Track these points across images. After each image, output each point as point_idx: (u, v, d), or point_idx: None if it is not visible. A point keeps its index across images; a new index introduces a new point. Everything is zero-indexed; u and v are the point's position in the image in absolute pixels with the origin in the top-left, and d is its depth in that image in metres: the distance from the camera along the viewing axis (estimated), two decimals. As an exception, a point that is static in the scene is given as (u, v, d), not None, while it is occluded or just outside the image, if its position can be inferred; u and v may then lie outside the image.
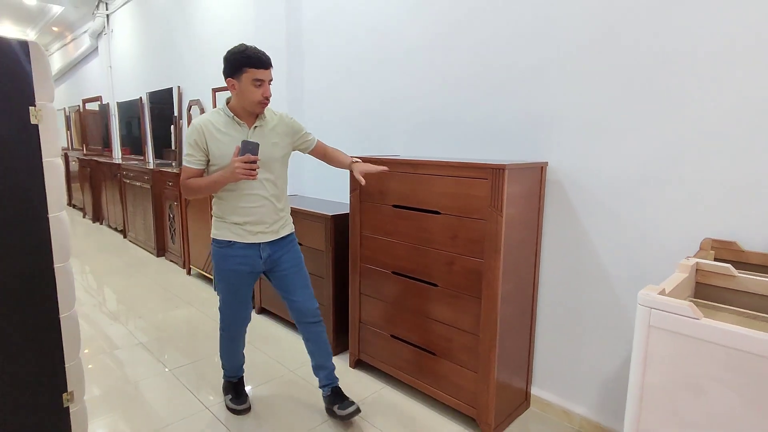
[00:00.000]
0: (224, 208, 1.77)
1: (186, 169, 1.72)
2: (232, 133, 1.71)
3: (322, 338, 1.95)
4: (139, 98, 5.45)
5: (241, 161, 1.60)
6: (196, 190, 1.71)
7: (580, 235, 1.86)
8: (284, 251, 1.87)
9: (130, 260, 4.43)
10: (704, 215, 1.55)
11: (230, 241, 1.78)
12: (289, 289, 1.89)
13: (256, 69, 1.64)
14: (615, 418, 1.84)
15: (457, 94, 2.22)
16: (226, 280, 1.83)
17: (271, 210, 1.80)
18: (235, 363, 2.05)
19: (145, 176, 4.50)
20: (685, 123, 1.56)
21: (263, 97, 1.68)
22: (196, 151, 1.70)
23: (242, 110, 1.72)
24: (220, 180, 1.66)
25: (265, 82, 1.67)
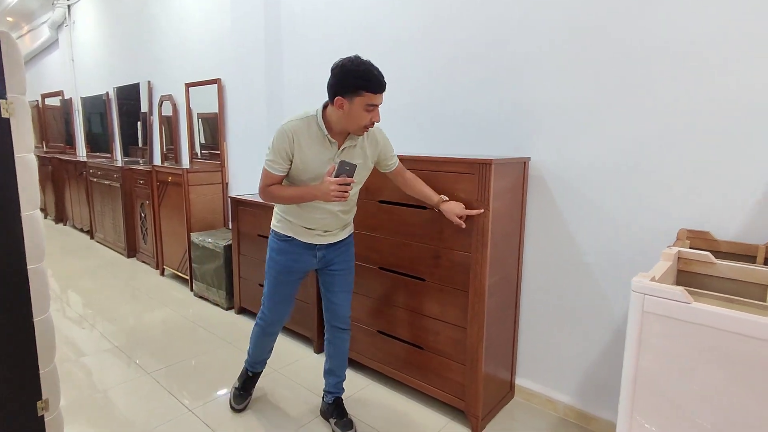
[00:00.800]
0: (289, 211, 1.73)
1: (267, 174, 1.62)
2: (319, 148, 1.60)
3: (345, 346, 1.92)
4: (105, 93, 5.23)
5: (337, 183, 1.49)
6: (278, 198, 1.64)
7: (562, 227, 1.91)
8: (339, 252, 1.82)
9: (99, 262, 4.26)
10: (679, 206, 1.62)
11: (290, 237, 1.75)
12: (333, 290, 1.85)
13: (374, 94, 1.50)
14: (598, 404, 1.90)
15: (438, 89, 2.23)
16: (277, 272, 1.79)
17: (336, 220, 1.74)
18: (260, 355, 1.98)
19: (114, 174, 4.33)
20: (660, 115, 1.62)
21: (371, 122, 1.56)
22: (283, 159, 1.59)
23: (339, 129, 1.58)
24: (307, 196, 1.58)
25: (377, 107, 1.54)
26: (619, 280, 1.79)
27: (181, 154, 4.15)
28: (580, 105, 1.80)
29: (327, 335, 1.92)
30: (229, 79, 3.44)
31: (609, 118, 1.73)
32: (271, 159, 1.60)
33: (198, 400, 2.07)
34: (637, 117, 1.67)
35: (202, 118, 3.80)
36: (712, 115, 1.52)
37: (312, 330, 2.51)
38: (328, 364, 1.94)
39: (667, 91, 1.60)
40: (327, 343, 1.93)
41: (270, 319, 1.87)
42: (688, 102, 1.56)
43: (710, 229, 1.54)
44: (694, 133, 1.56)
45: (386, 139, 1.76)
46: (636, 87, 1.66)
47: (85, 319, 2.95)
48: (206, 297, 3.27)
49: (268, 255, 1.82)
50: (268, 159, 1.61)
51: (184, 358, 2.46)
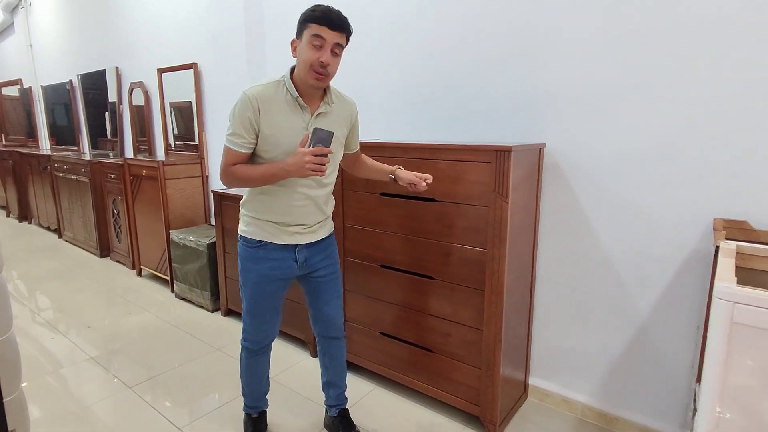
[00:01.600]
0: (260, 204, 1.48)
1: (228, 151, 1.38)
2: (291, 116, 1.38)
3: (343, 354, 1.74)
4: (68, 81, 4.86)
5: (313, 153, 1.27)
6: (242, 180, 1.38)
7: (580, 218, 1.79)
8: (322, 255, 1.59)
9: (69, 263, 3.96)
10: (708, 194, 1.51)
11: (262, 241, 1.49)
12: (321, 299, 1.63)
13: (318, 25, 1.30)
14: (619, 404, 1.80)
15: (442, 72, 2.07)
16: (254, 285, 1.53)
17: (314, 210, 1.51)
18: (257, 390, 1.71)
19: (83, 168, 4.02)
20: (688, 99, 1.50)
21: (319, 62, 1.31)
22: (248, 132, 1.35)
23: (303, 84, 1.38)
24: (279, 173, 1.33)
25: (326, 44, 1.31)
26: (642, 273, 1.68)
27: (155, 145, 3.87)
28: (603, 87, 1.66)
29: (321, 347, 1.72)
30: (207, 63, 3.18)
31: (634, 101, 1.60)
32: (231, 133, 1.36)
33: (187, 415, 1.89)
34: (666, 101, 1.54)
35: (174, 107, 3.53)
36: (748, 98, 1.40)
37: (306, 331, 2.35)
38: (326, 376, 1.75)
39: (699, 72, 1.47)
40: (322, 355, 1.73)
41: (255, 338, 1.60)
42: (719, 84, 1.44)
43: (748, 219, 1.44)
44: (728, 116, 1.44)
45: (357, 118, 1.58)
46: (666, 68, 1.53)
47: (57, 327, 2.70)
48: (189, 299, 3.05)
49: (240, 266, 1.54)
50: (229, 134, 1.36)
51: (169, 367, 2.26)
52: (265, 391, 1.74)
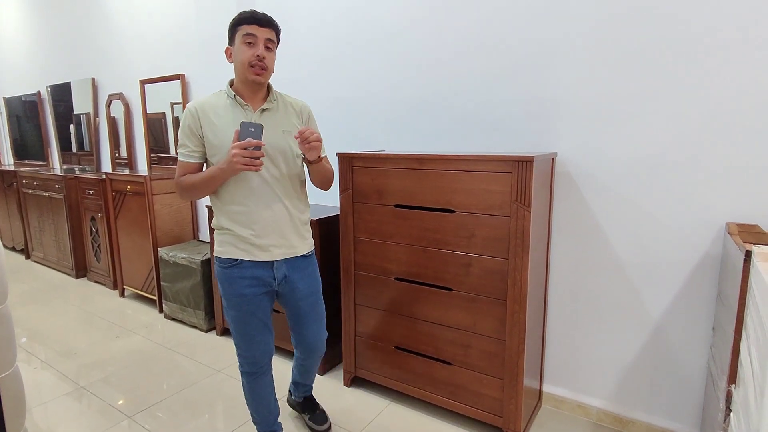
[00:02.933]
0: (225, 216, 1.46)
1: (180, 163, 1.45)
2: (233, 115, 1.44)
3: (316, 366, 1.81)
4: (36, 93, 4.61)
5: (240, 147, 1.29)
6: (190, 189, 1.43)
7: (592, 225, 1.82)
8: (302, 275, 1.57)
9: (42, 285, 3.73)
10: (718, 198, 1.57)
11: (237, 260, 1.47)
12: (302, 323, 1.63)
13: (248, 24, 1.39)
14: (634, 407, 1.83)
15: (448, 80, 2.08)
16: (236, 307, 1.49)
17: (286, 220, 1.49)
18: (267, 414, 1.65)
19: (56, 185, 3.80)
20: (698, 106, 1.57)
21: (255, 56, 1.39)
22: (191, 141, 1.43)
23: (243, 86, 1.46)
24: (216, 174, 1.37)
25: (258, 41, 1.39)
26: (654, 277, 1.72)
27: (137, 159, 3.72)
28: (613, 95, 1.71)
29: (299, 357, 1.76)
30: (195, 74, 3.09)
31: (644, 110, 1.66)
32: (180, 144, 1.45)
33: (197, 444, 1.79)
34: (675, 108, 1.60)
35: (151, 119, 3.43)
36: (757, 103, 1.48)
37: (314, 349, 2.28)
38: (296, 377, 1.85)
39: (708, 78, 1.54)
40: (298, 362, 1.78)
41: (251, 360, 1.55)
42: (729, 90, 1.51)
43: (758, 223, 1.51)
44: (738, 121, 1.51)
45: (313, 117, 1.63)
46: (675, 74, 1.59)
47: (35, 356, 2.52)
48: (181, 319, 2.92)
49: (220, 288, 1.51)
50: (178, 146, 1.46)
51: (170, 392, 2.14)
52: (276, 414, 1.69)
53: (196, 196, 1.46)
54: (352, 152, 1.96)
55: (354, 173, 1.96)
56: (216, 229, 1.51)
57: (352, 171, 1.96)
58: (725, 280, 1.47)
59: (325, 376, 2.27)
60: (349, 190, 1.98)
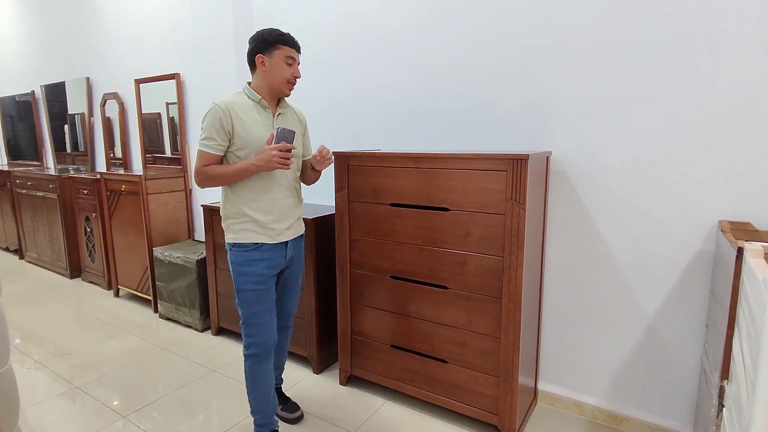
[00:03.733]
0: (243, 205, 1.60)
1: (203, 154, 1.56)
2: (256, 116, 1.61)
3: (287, 341, 1.93)
4: (31, 92, 4.59)
5: (278, 149, 1.50)
6: (215, 178, 1.56)
7: (586, 223, 1.84)
8: (299, 250, 1.81)
9: (36, 285, 3.70)
10: (711, 197, 1.59)
11: (258, 243, 1.62)
12: (287, 293, 1.81)
13: (290, 47, 1.60)
14: (628, 404, 1.84)
15: (443, 81, 2.09)
16: (253, 286, 1.62)
17: (295, 204, 1.71)
18: (267, 404, 1.71)
19: (50, 184, 3.78)
20: (690, 104, 1.58)
21: (293, 76, 1.62)
22: (219, 135, 1.54)
23: (266, 92, 1.63)
24: (250, 168, 1.54)
25: (296, 63, 1.62)
26: (648, 275, 1.73)
27: (131, 159, 3.70)
28: (607, 96, 1.72)
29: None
30: (190, 73, 3.09)
31: (637, 109, 1.67)
32: (205, 137, 1.55)
33: (192, 443, 1.79)
34: (668, 106, 1.62)
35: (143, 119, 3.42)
36: (748, 104, 1.49)
37: (311, 348, 2.28)
38: None
39: (701, 79, 1.55)
40: None
41: (262, 340, 1.65)
42: (721, 88, 1.53)
43: (750, 220, 1.52)
44: (730, 119, 1.53)
45: (307, 126, 1.83)
46: (669, 76, 1.60)
47: (29, 356, 2.50)
48: (176, 318, 2.91)
49: (235, 273, 1.63)
50: (203, 138, 1.55)
51: (165, 392, 2.13)
52: (274, 406, 1.75)
53: (218, 185, 1.60)
54: (348, 151, 1.97)
55: (350, 172, 1.96)
56: (231, 217, 1.63)
57: (347, 170, 1.96)
58: (718, 277, 1.49)
59: (320, 375, 2.27)
60: (345, 189, 1.98)
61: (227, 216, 1.63)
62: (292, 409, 1.91)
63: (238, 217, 1.61)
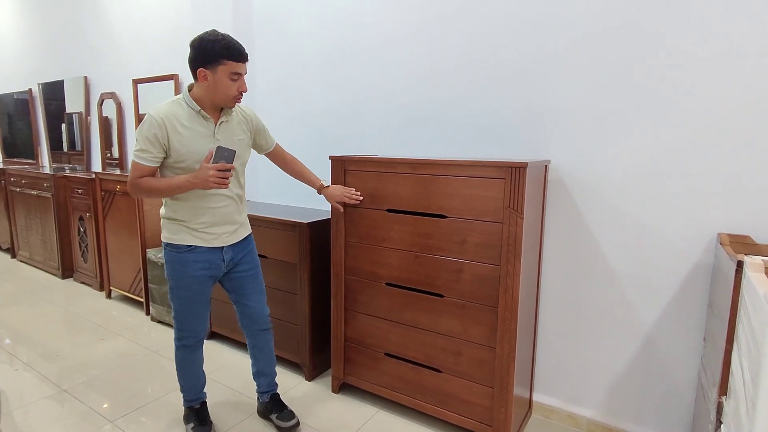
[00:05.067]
0: (180, 210, 1.61)
1: (137, 166, 1.52)
2: (197, 127, 1.56)
3: (270, 346, 1.89)
4: (27, 90, 4.56)
5: (216, 169, 1.46)
6: (149, 191, 1.54)
7: (583, 234, 1.82)
8: (244, 252, 1.76)
9: (28, 285, 3.66)
10: (710, 209, 1.57)
11: (191, 246, 1.62)
12: (245, 294, 1.78)
13: (235, 62, 1.50)
14: (624, 417, 1.82)
15: (442, 89, 2.08)
16: (186, 287, 1.65)
17: (234, 210, 1.69)
18: (196, 384, 1.83)
19: (45, 183, 3.75)
20: (690, 116, 1.57)
21: (239, 92, 1.56)
22: (154, 147, 1.51)
23: (209, 104, 1.57)
24: (184, 185, 1.51)
25: (242, 77, 1.55)
26: (646, 286, 1.72)
27: (128, 160, 3.68)
28: (606, 107, 1.71)
29: (250, 341, 1.87)
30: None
31: (638, 120, 1.66)
32: (139, 149, 1.51)
33: (180, 450, 1.75)
34: (668, 118, 1.61)
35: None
36: (748, 116, 1.48)
37: (303, 354, 2.25)
38: (256, 367, 1.90)
39: (701, 91, 1.54)
40: (251, 347, 1.88)
41: (192, 334, 1.73)
42: (721, 101, 1.52)
43: (749, 233, 1.50)
44: (729, 132, 1.52)
45: (259, 120, 1.78)
46: (667, 86, 1.59)
47: (17, 357, 2.46)
48: (168, 322, 2.87)
49: (168, 270, 1.65)
50: (137, 150, 1.52)
51: (154, 396, 2.09)
52: (203, 383, 1.86)
53: (153, 197, 1.62)
54: (345, 155, 1.95)
55: (346, 176, 1.94)
56: (166, 217, 1.64)
57: (344, 174, 1.95)
58: (716, 290, 1.47)
59: (313, 382, 2.23)
60: (341, 193, 1.96)
61: (163, 215, 1.65)
62: (287, 418, 1.84)
63: (174, 220, 1.62)
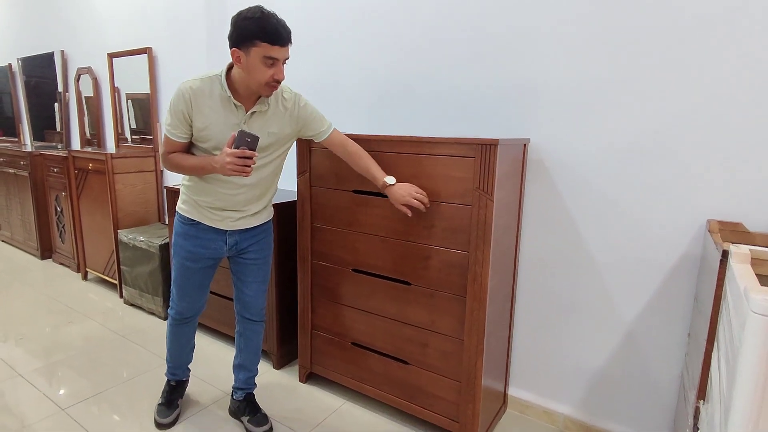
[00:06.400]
0: (194, 185, 1.54)
1: (167, 140, 1.46)
2: (224, 112, 1.43)
3: (258, 339, 1.78)
4: (7, 65, 4.43)
5: (235, 155, 1.31)
6: (179, 167, 1.48)
7: (564, 219, 1.68)
8: (254, 241, 1.64)
9: (6, 265, 3.58)
10: (699, 194, 1.43)
11: (194, 220, 1.56)
12: (245, 280, 1.68)
13: (271, 45, 1.31)
14: (602, 415, 1.71)
15: (419, 63, 1.92)
16: (182, 259, 1.60)
17: (244, 200, 1.55)
18: (178, 358, 1.79)
19: (21, 161, 3.64)
20: (679, 95, 1.42)
21: (273, 79, 1.37)
22: (180, 123, 1.43)
23: (244, 88, 1.42)
24: (206, 167, 1.42)
25: (279, 62, 1.36)
26: (629, 277, 1.59)
27: (105, 137, 3.56)
28: (590, 82, 1.56)
29: (238, 327, 1.76)
30: (162, 48, 2.92)
31: (623, 96, 1.51)
32: (169, 123, 1.44)
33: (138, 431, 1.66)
34: (655, 97, 1.46)
35: (133, 99, 3.24)
36: (742, 93, 1.33)
37: (270, 342, 2.15)
38: (238, 359, 1.78)
39: (690, 67, 1.39)
40: (238, 336, 1.77)
41: (180, 307, 1.67)
42: (714, 79, 1.36)
43: (741, 220, 1.37)
44: (722, 112, 1.37)
45: (311, 110, 1.57)
46: (656, 62, 1.44)
47: (-17, 339, 2.38)
48: (139, 305, 2.78)
49: (173, 239, 1.62)
50: (167, 123, 1.44)
51: (117, 381, 2.01)
52: (187, 361, 1.82)
53: (182, 173, 1.52)
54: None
55: (312, 154, 1.81)
56: (183, 189, 1.58)
57: (310, 152, 1.81)
58: (702, 283, 1.34)
59: (280, 371, 2.14)
60: (307, 172, 1.83)
61: (184, 188, 1.59)
62: (259, 422, 1.69)
63: (188, 190, 1.57)
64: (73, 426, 1.72)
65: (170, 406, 1.76)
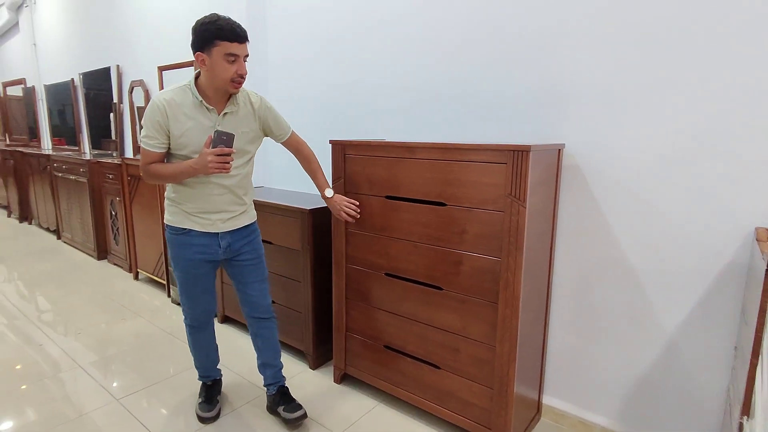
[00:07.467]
0: (179, 194, 1.62)
1: (145, 152, 1.53)
2: (199, 117, 1.53)
3: (273, 335, 1.85)
4: (70, 80, 4.78)
5: (214, 154, 1.43)
6: (158, 177, 1.54)
7: (601, 226, 1.65)
8: (245, 241, 1.73)
9: (66, 265, 3.87)
10: (746, 200, 1.37)
11: (186, 229, 1.63)
12: (246, 282, 1.76)
13: (229, 42, 1.44)
14: (641, 428, 1.65)
15: (452, 67, 1.94)
16: (183, 269, 1.68)
17: (229, 200, 1.65)
18: (206, 362, 1.88)
19: (81, 168, 3.93)
20: (722, 95, 1.36)
21: (237, 75, 1.48)
22: (158, 133, 1.51)
23: (213, 91, 1.53)
24: (187, 171, 1.49)
25: (239, 58, 1.47)
26: (670, 286, 1.53)
27: (156, 145, 3.77)
28: (627, 84, 1.52)
29: (251, 329, 1.85)
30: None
31: (661, 98, 1.47)
32: (145, 135, 1.51)
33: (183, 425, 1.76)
34: (696, 98, 1.41)
35: None
36: (795, 90, 1.26)
37: (307, 343, 2.21)
38: (261, 358, 1.86)
39: (734, 64, 1.33)
40: (254, 337, 1.85)
41: (194, 313, 1.76)
42: (759, 77, 1.30)
43: (792, 228, 1.30)
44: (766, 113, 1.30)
45: (269, 108, 1.69)
46: (697, 60, 1.39)
47: (48, 332, 2.58)
48: (185, 304, 2.93)
49: (169, 251, 1.69)
50: (143, 135, 1.52)
51: (163, 376, 2.13)
52: (215, 362, 1.91)
53: (162, 183, 1.60)
54: (345, 140, 1.87)
55: (346, 162, 1.86)
56: (169, 200, 1.65)
57: (344, 160, 1.87)
58: (749, 293, 1.28)
59: (316, 371, 2.20)
60: (341, 179, 1.88)
61: (166, 197, 1.66)
62: (293, 409, 1.75)
63: (175, 201, 1.63)
64: (127, 416, 1.85)
65: (211, 402, 1.85)
